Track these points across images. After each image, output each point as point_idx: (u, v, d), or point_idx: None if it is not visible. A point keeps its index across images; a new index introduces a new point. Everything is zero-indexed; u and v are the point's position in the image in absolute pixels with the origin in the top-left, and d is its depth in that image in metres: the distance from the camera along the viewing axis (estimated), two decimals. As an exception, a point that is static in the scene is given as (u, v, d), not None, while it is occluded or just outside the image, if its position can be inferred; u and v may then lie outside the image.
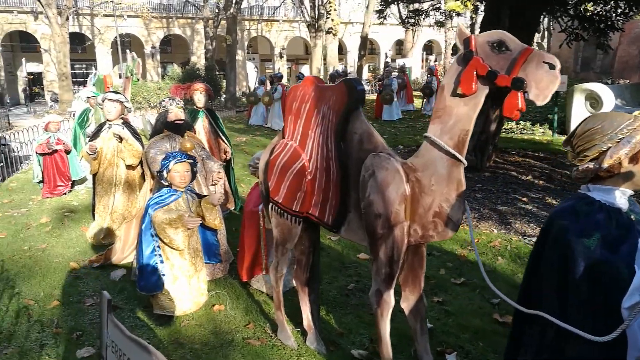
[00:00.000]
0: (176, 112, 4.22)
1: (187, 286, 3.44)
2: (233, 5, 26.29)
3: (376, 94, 14.89)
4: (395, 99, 14.34)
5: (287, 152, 2.84)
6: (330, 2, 22.94)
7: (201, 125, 5.72)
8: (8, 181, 8.34)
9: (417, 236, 2.39)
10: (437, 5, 9.97)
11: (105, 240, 5.05)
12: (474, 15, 23.47)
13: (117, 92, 5.11)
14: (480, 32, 8.50)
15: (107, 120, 5.08)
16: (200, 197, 3.58)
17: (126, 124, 5.20)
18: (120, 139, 4.99)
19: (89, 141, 5.07)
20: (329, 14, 22.99)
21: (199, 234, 3.66)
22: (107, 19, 35.42)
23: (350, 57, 43.89)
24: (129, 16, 36.32)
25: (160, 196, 3.39)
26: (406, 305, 2.63)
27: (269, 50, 43.69)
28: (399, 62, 19.41)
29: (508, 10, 7.17)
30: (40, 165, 7.12)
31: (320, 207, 2.75)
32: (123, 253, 4.40)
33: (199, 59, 38.54)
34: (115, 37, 36.24)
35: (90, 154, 4.84)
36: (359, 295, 3.83)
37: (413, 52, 32.30)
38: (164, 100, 4.24)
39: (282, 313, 3.16)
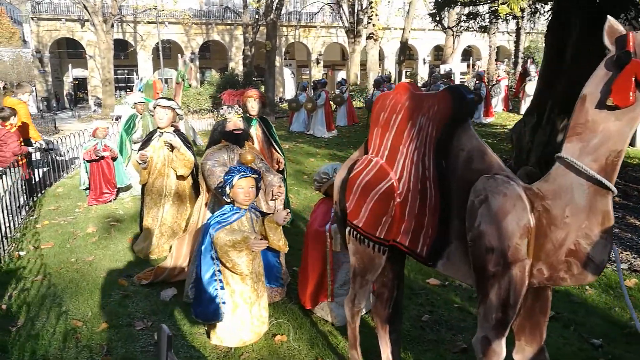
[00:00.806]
0: (235, 121, 3.91)
1: (247, 314, 3.10)
2: (273, 11, 26.26)
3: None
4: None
5: (372, 169, 2.47)
6: (371, 7, 22.55)
7: (254, 134, 5.41)
8: (55, 186, 8.26)
9: (543, 277, 1.96)
10: (495, 8, 9.45)
11: (153, 255, 4.79)
12: (519, 20, 22.67)
13: (169, 99, 4.85)
14: (545, 37, 7.99)
15: (158, 127, 4.84)
16: (264, 215, 3.24)
17: (177, 132, 4.94)
18: (172, 147, 4.74)
19: (139, 149, 4.83)
20: (370, 19, 22.60)
21: (260, 256, 3.32)
22: (149, 25, 36.08)
23: (388, 63, 43.39)
24: (170, 23, 36.89)
25: (223, 214, 3.06)
26: (520, 358, 2.20)
27: (306, 56, 43.64)
28: (445, 67, 18.86)
29: (580, 12, 6.62)
30: (87, 171, 6.98)
31: (411, 235, 2.36)
32: (174, 271, 4.11)
33: (236, 65, 38.81)
34: (157, 44, 36.97)
35: (140, 164, 4.59)
36: (436, 328, 3.40)
37: (453, 57, 31.56)
38: (222, 108, 3.93)
39: (357, 353, 2.77)
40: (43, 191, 7.80)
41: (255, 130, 5.43)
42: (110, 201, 7.04)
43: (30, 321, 3.58)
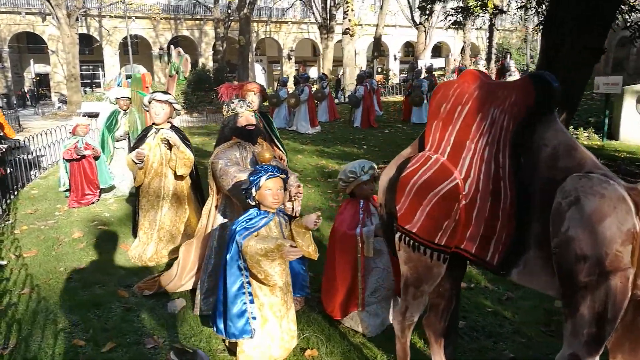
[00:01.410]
0: (247, 116, 3.59)
1: (277, 329, 2.81)
2: (246, 5, 25.74)
3: (404, 96, 14.27)
4: (425, 101, 13.73)
5: (430, 168, 2.22)
6: (347, 2, 22.33)
7: (254, 129, 5.09)
8: (28, 188, 7.72)
9: (649, 288, 1.76)
10: (485, 1, 9.41)
11: (151, 262, 4.42)
12: (492, 17, 22.91)
13: (165, 92, 4.48)
14: (542, 30, 7.92)
15: (154, 124, 4.47)
16: (291, 218, 2.95)
17: (174, 128, 4.58)
18: (169, 145, 4.38)
19: (133, 147, 4.45)
20: (346, 14, 22.38)
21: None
22: (114, 20, 34.96)
23: (359, 59, 43.35)
24: (137, 17, 35.82)
25: (249, 219, 2.75)
26: (615, 378, 1.99)
27: (277, 52, 43.22)
28: (425, 62, 18.79)
29: (576, 8, 6.54)
30: (67, 171, 6.50)
31: (480, 241, 2.12)
32: (181, 279, 3.76)
33: (206, 61, 38.04)
34: (123, 39, 35.81)
35: (137, 163, 4.22)
36: (474, 336, 3.19)
37: (425, 53, 31.68)
38: (232, 102, 3.60)
39: (408, 370, 2.52)
40: (15, 193, 7.26)
41: (256, 126, 5.11)
42: (93, 203, 6.58)
43: (24, 342, 3.18)
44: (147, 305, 3.67)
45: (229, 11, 32.40)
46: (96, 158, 6.61)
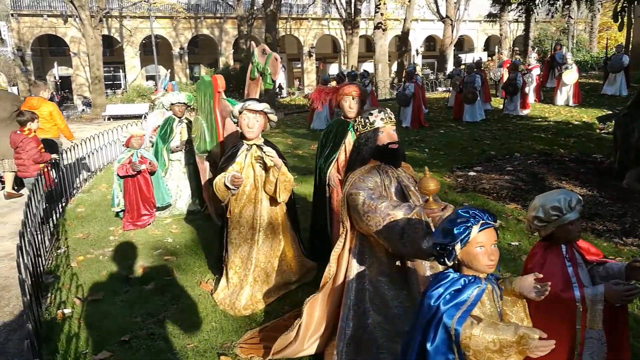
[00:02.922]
0: (389, 131, 2.74)
1: None
2: (272, 2, 24.92)
3: (455, 93, 13.31)
4: (479, 98, 12.78)
5: None
6: (380, -5, 21.35)
7: (352, 142, 4.24)
8: (73, 204, 6.98)
9: None
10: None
11: (246, 310, 3.59)
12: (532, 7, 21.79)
13: (259, 100, 3.65)
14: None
15: (245, 138, 3.64)
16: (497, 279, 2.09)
17: (268, 143, 3.76)
18: (265, 165, 3.56)
19: (220, 167, 3.63)
20: (378, 8, 21.40)
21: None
22: (135, 20, 34.49)
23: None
24: (157, 17, 35.30)
25: (455, 291, 1.89)
26: None
27: (297, 49, 42.43)
28: (474, 56, 17.75)
29: None
30: (120, 189, 5.74)
31: None
32: (304, 343, 2.92)
33: (227, 60, 37.39)
34: (144, 39, 35.30)
35: (230, 189, 3.40)
36: None
37: (451, 47, 30.52)
38: (370, 114, 2.75)
39: None
40: (61, 210, 6.51)
41: (354, 137, 4.25)
42: (150, 224, 5.81)
43: None
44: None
45: (252, 9, 31.68)
46: (152, 173, 5.84)
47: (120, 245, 5.18)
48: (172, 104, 6.10)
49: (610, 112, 12.65)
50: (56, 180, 6.44)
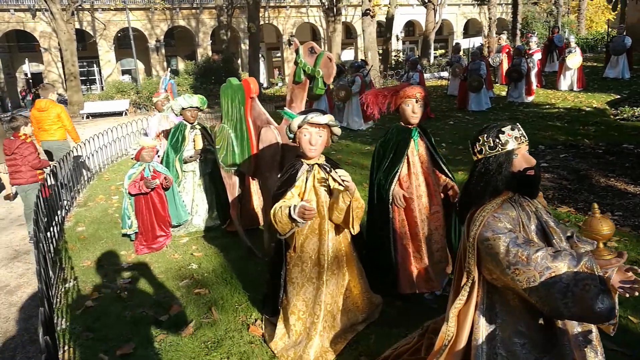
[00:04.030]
0: (523, 153, 2.16)
1: None
2: (255, -11, 23.99)
3: (459, 81, 12.80)
4: (485, 86, 12.30)
5: None
6: (367, -20, 20.62)
7: (416, 151, 3.67)
8: (72, 222, 6.25)
9: None
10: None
11: (316, 363, 3.01)
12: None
13: (322, 112, 3.01)
14: None
15: (304, 156, 3.02)
16: None
17: (329, 160, 3.14)
18: (330, 190, 2.96)
19: (278, 192, 3.00)
20: (366, -6, 20.67)
21: None
22: (108, 13, 33.09)
23: (360, 42, 41.68)
24: (131, 9, 33.94)
25: None
26: None
27: (276, 38, 41.51)
28: (474, 42, 17.21)
29: None
30: (132, 207, 5.05)
31: None
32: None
33: (205, 51, 36.24)
34: (118, 32, 33.93)
35: (298, 223, 2.77)
36: None
37: (434, 32, 29.98)
38: (500, 132, 2.14)
39: None
40: (58, 229, 5.78)
41: (417, 146, 3.68)
42: (166, 246, 5.15)
43: None
44: None
45: (232, -3, 30.61)
46: (166, 189, 5.16)
47: (138, 276, 4.52)
48: (183, 109, 5.41)
49: (619, 96, 12.34)
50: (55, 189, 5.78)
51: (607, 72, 14.52)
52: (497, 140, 2.16)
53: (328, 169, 3.03)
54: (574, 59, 13.33)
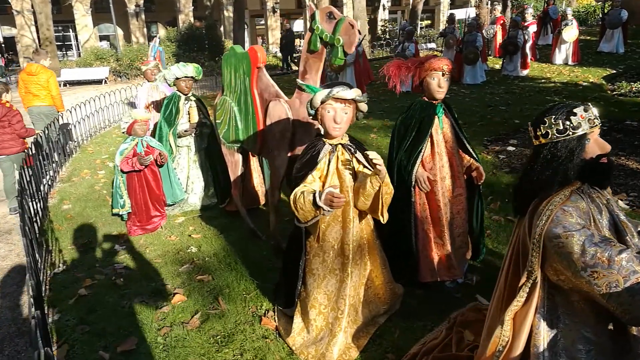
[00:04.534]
0: (596, 137, 1.89)
1: None
2: (240, -48, 22.99)
3: (455, 53, 12.45)
4: (480, 59, 12.00)
5: None
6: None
7: (440, 129, 3.39)
8: (57, 199, 5.86)
9: None
10: None
11: (341, 361, 2.77)
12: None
13: (349, 85, 2.68)
14: None
15: (326, 136, 2.71)
16: None
17: (353, 140, 2.84)
18: (355, 173, 2.68)
19: (298, 174, 2.69)
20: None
21: None
22: (84, -27, 31.56)
23: (346, 10, 40.80)
24: (107, -30, 32.42)
25: None
26: None
27: (260, 5, 40.30)
28: (468, 12, 16.70)
29: None
30: (124, 185, 4.69)
31: None
32: None
33: (186, 18, 34.98)
34: (95, -6, 32.48)
35: (324, 212, 2.48)
36: None
37: (421, 3, 29.37)
38: (572, 113, 1.86)
39: None
40: (41, 207, 5.39)
41: (442, 124, 3.40)
42: (161, 226, 4.83)
43: None
44: None
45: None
46: (160, 165, 4.80)
47: (134, 260, 4.20)
48: (177, 79, 5.00)
49: (614, 71, 12.18)
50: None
51: (601, 46, 14.31)
52: (568, 123, 1.88)
53: (352, 150, 2.73)
54: (570, 32, 13.07)
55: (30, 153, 5.58)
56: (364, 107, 2.74)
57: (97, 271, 4.02)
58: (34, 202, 4.91)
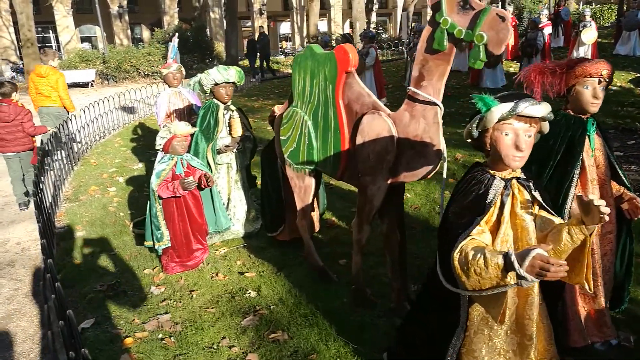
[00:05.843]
0: None
1: None
2: (231, -49, 22.15)
3: (466, 55, 11.84)
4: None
5: None
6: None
7: (591, 154, 2.67)
8: (66, 223, 4.98)
9: None
10: None
11: None
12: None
13: (525, 95, 1.95)
14: None
15: (496, 166, 1.96)
16: None
17: (525, 171, 2.09)
18: (534, 217, 1.93)
19: (459, 222, 1.94)
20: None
21: None
22: (66, -27, 30.29)
23: (334, 13, 40.19)
24: (89, -30, 31.20)
25: None
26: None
27: (246, 7, 39.44)
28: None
29: None
30: (162, 216, 3.86)
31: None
32: None
33: (171, 19, 33.91)
34: (77, -6, 31.20)
35: (524, 280, 1.72)
36: None
37: (414, 2, 28.91)
38: None
39: None
40: (53, 237, 4.53)
41: (593, 145, 2.67)
42: (203, 262, 4.02)
43: None
44: None
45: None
46: (202, 189, 3.99)
47: (181, 310, 3.38)
48: (216, 84, 4.20)
49: (638, 74, 11.71)
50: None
51: (617, 48, 13.87)
52: None
53: (532, 187, 1.99)
54: (589, 34, 12.56)
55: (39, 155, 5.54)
56: (546, 127, 2.01)
57: (136, 326, 3.20)
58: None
